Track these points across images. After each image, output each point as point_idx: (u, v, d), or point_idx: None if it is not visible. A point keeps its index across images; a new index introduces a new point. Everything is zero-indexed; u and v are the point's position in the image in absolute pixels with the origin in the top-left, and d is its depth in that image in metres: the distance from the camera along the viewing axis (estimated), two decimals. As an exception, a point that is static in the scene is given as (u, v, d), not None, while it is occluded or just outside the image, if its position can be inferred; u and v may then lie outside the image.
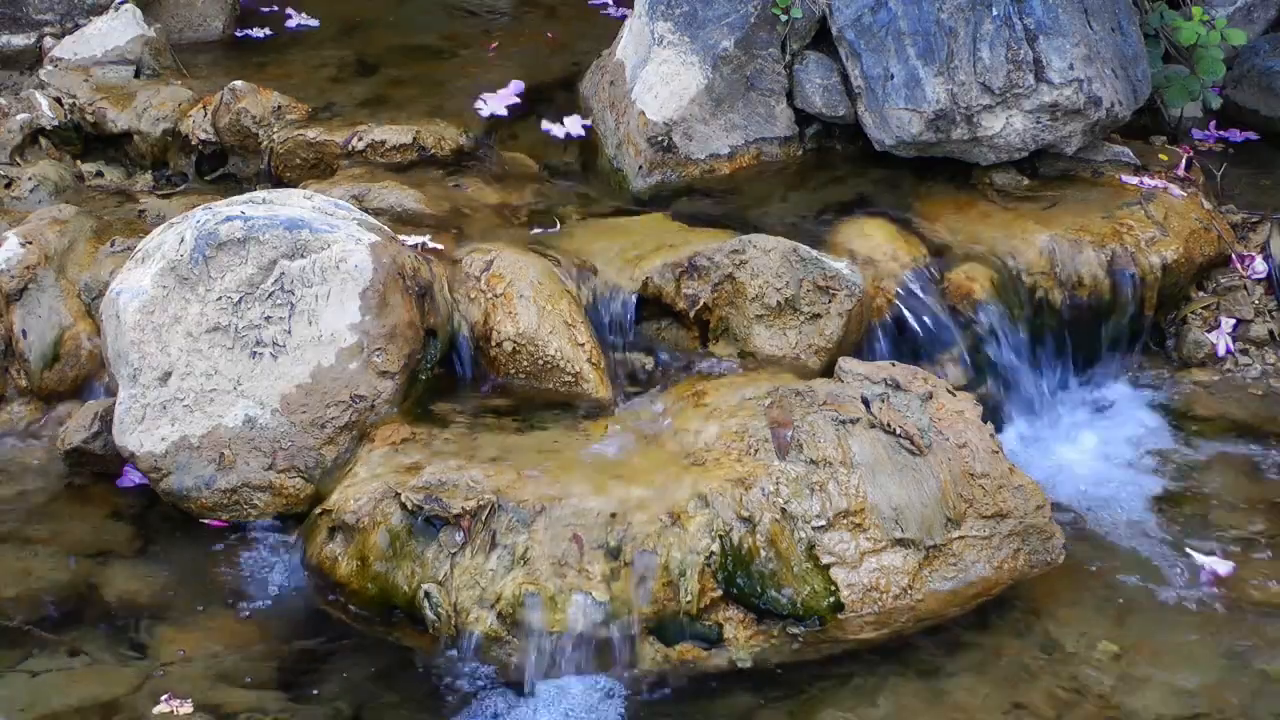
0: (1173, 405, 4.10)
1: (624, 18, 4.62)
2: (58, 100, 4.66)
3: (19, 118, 4.61)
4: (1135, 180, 4.32)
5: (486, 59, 4.92)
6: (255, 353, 3.50)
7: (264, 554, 3.49)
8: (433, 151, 4.38)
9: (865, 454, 3.29)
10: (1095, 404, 4.08)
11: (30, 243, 3.98)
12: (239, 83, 4.55)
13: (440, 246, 3.86)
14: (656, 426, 3.49)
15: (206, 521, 3.51)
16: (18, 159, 4.56)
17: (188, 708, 3.10)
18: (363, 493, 3.32)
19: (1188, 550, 3.57)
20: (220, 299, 3.51)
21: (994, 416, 3.78)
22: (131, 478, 3.66)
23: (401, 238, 3.76)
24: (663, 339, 3.85)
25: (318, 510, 3.41)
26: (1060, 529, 3.38)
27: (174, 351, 3.51)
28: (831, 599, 3.20)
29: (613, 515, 3.20)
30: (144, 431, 3.50)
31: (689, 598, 3.15)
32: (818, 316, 3.76)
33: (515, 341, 3.70)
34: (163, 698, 3.11)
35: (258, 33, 5.14)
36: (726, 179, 4.33)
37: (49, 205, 4.27)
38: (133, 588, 3.44)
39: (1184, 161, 4.44)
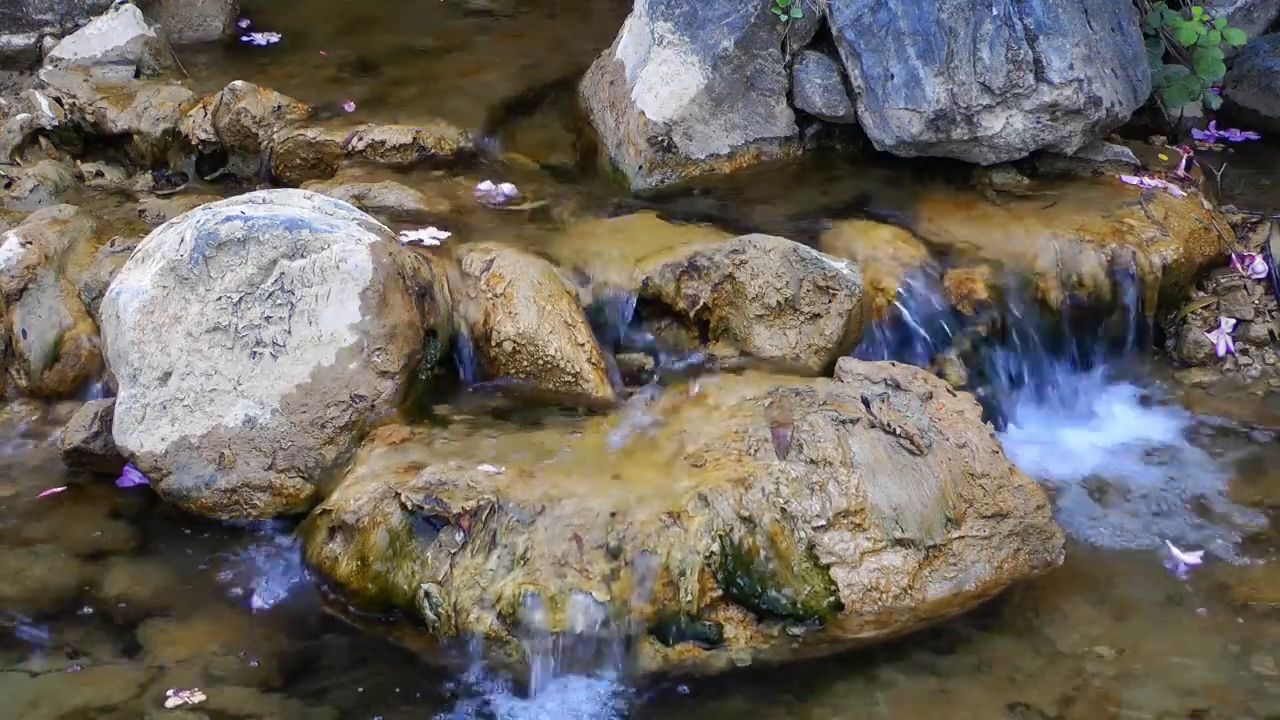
0: (1172, 405, 4.09)
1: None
2: (58, 100, 4.66)
3: (19, 118, 4.61)
4: (1135, 180, 4.32)
5: (488, 59, 4.91)
6: (255, 353, 3.50)
7: (264, 554, 3.49)
8: (433, 151, 4.37)
9: (865, 454, 3.29)
10: (1095, 404, 4.07)
11: (30, 243, 3.98)
12: (239, 83, 4.55)
13: (445, 235, 3.87)
14: (656, 426, 3.48)
15: (206, 520, 3.53)
16: (18, 159, 4.56)
17: (200, 696, 3.11)
18: (363, 492, 3.32)
19: (1188, 550, 3.57)
20: (220, 299, 3.51)
21: (993, 416, 3.78)
22: (131, 478, 3.66)
23: (403, 234, 3.76)
24: (663, 339, 3.85)
25: (318, 510, 3.41)
26: (1060, 529, 3.38)
27: (174, 351, 3.51)
28: (831, 599, 3.19)
29: (613, 515, 3.19)
30: (144, 431, 3.50)
31: (689, 598, 3.15)
32: (818, 316, 3.76)
33: (515, 341, 3.70)
34: (169, 692, 3.11)
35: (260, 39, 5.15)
36: (726, 179, 4.33)
37: (49, 205, 4.26)
38: (133, 588, 3.43)
39: (1184, 161, 4.44)
